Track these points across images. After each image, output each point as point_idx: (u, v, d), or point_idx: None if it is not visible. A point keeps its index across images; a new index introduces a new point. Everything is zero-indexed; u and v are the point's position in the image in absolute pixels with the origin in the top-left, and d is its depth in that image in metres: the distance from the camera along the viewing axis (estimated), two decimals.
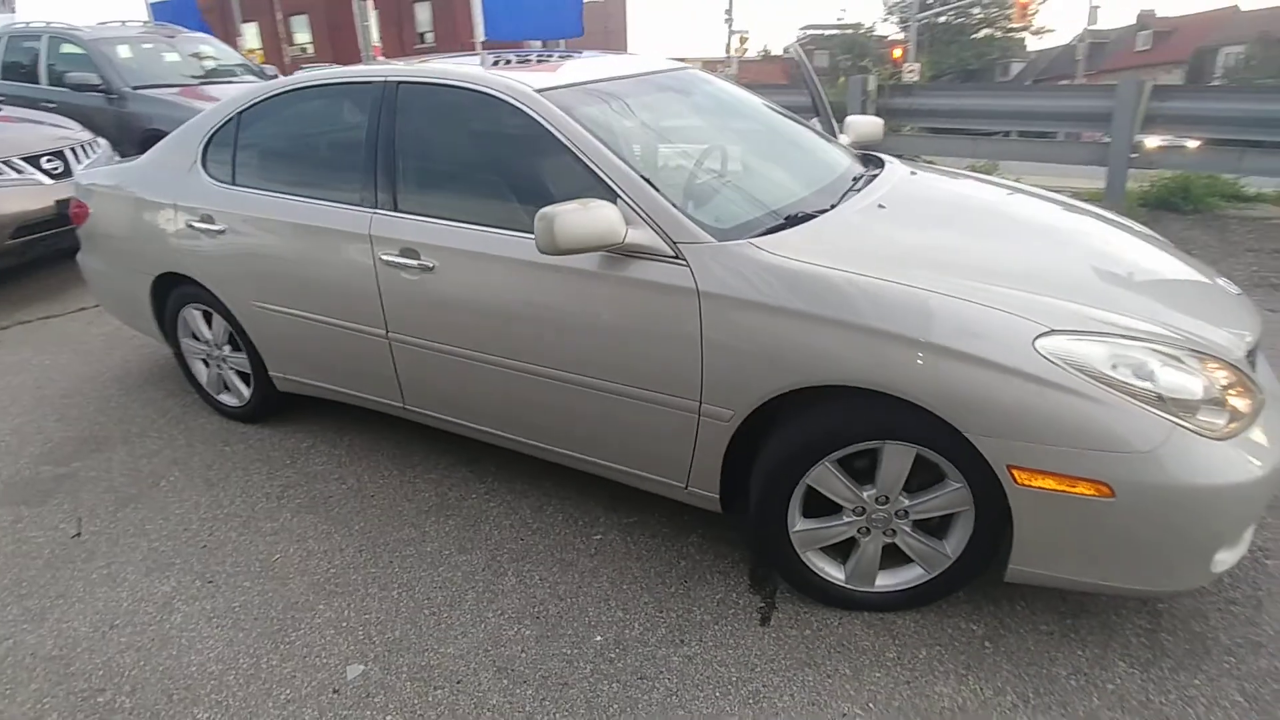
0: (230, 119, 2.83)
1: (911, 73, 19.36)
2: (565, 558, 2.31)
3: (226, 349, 3.06)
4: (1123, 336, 1.68)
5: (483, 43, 6.90)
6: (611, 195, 2.01)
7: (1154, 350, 1.66)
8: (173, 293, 3.08)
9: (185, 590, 2.23)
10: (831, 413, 1.85)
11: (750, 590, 2.14)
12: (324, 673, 1.92)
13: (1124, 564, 1.71)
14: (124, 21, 7.72)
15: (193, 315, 3.08)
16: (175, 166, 2.95)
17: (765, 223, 2.05)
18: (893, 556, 1.97)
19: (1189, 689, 1.76)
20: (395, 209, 2.40)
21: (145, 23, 8.08)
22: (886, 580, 2.00)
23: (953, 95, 5.61)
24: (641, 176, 2.03)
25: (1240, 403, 1.71)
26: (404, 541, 2.41)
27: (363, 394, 2.75)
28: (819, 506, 1.95)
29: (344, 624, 2.08)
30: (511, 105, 2.21)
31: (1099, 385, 1.60)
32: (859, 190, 2.37)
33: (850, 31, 34.62)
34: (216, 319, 3.00)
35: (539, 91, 2.22)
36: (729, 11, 18.12)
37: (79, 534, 2.51)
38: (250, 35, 27.03)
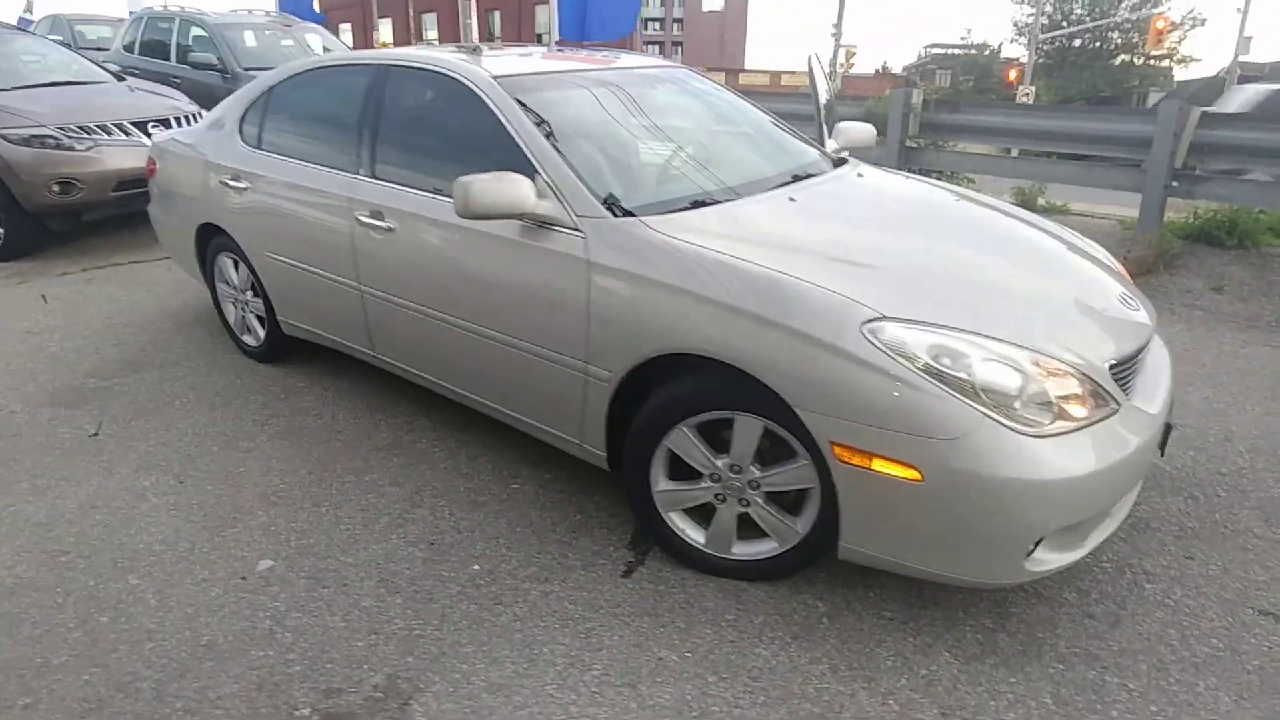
0: (265, 91, 3.24)
1: (1026, 96, 18.48)
2: (479, 500, 2.53)
3: (249, 294, 3.48)
4: (951, 329, 1.73)
5: (557, 42, 7.26)
6: (532, 170, 2.23)
7: (978, 345, 1.71)
8: (211, 241, 3.53)
9: (159, 486, 2.61)
10: (689, 381, 1.99)
11: (627, 547, 2.29)
12: (240, 563, 2.23)
13: (937, 550, 1.76)
14: (250, 10, 8.59)
15: (225, 263, 3.52)
16: (220, 130, 3.39)
17: (670, 205, 2.21)
18: (753, 528, 2.08)
19: (1001, 685, 1.78)
20: (372, 175, 2.71)
21: (267, 13, 8.96)
22: (743, 549, 2.10)
23: (996, 113, 5.42)
24: (560, 156, 2.23)
25: (1077, 409, 1.73)
26: (350, 470, 2.71)
27: (345, 341, 3.08)
28: (682, 471, 2.09)
29: (273, 528, 2.39)
30: (467, 88, 2.47)
31: (917, 372, 1.67)
32: (788, 185, 2.48)
33: (974, 52, 33.33)
34: (242, 267, 3.42)
35: (495, 78, 2.46)
36: (837, 25, 17.91)
37: (96, 434, 2.96)
38: (385, 30, 28.94)
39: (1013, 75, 21.93)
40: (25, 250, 5.20)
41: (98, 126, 5.14)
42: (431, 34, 29.98)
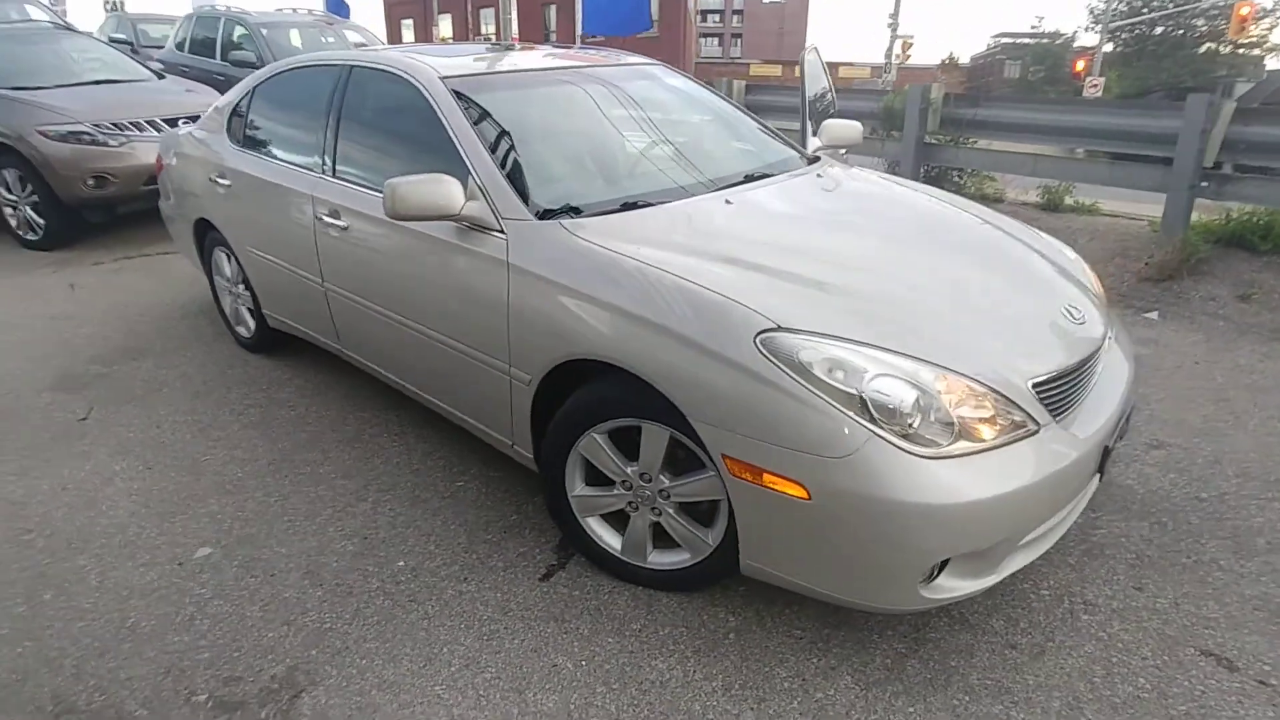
0: (249, 91, 3.34)
1: (1094, 88, 17.46)
2: (421, 496, 2.56)
3: (240, 287, 3.60)
4: (850, 342, 1.66)
5: (581, 37, 7.28)
6: (465, 172, 2.23)
7: (876, 360, 1.63)
8: (207, 235, 3.66)
9: (128, 471, 2.73)
10: (600, 387, 1.96)
11: (554, 550, 2.28)
12: (181, 549, 2.31)
13: (830, 572, 1.69)
14: (294, 9, 8.87)
15: (219, 256, 3.64)
16: (211, 130, 3.51)
17: (598, 207, 2.18)
18: (670, 537, 2.04)
19: (895, 713, 1.70)
20: (333, 174, 2.76)
21: (310, 11, 9.23)
22: (659, 559, 2.07)
23: (1017, 108, 5.11)
24: (491, 158, 2.23)
25: (986, 429, 1.63)
26: (308, 462, 2.77)
27: (317, 335, 3.15)
28: (598, 476, 2.06)
29: (219, 516, 2.46)
30: (415, 88, 2.49)
31: (807, 387, 1.60)
32: (735, 187, 2.42)
33: (1046, 41, 31.73)
34: (232, 260, 3.54)
35: (443, 78, 2.47)
36: (894, 15, 17.21)
37: (85, 418, 3.11)
38: (445, 25, 29.47)
39: (1080, 66, 20.71)
40: (64, 241, 5.51)
41: (131, 123, 5.39)
42: (491, 28, 30.44)
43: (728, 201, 2.27)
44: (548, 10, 27.85)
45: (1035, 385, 1.74)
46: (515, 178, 2.22)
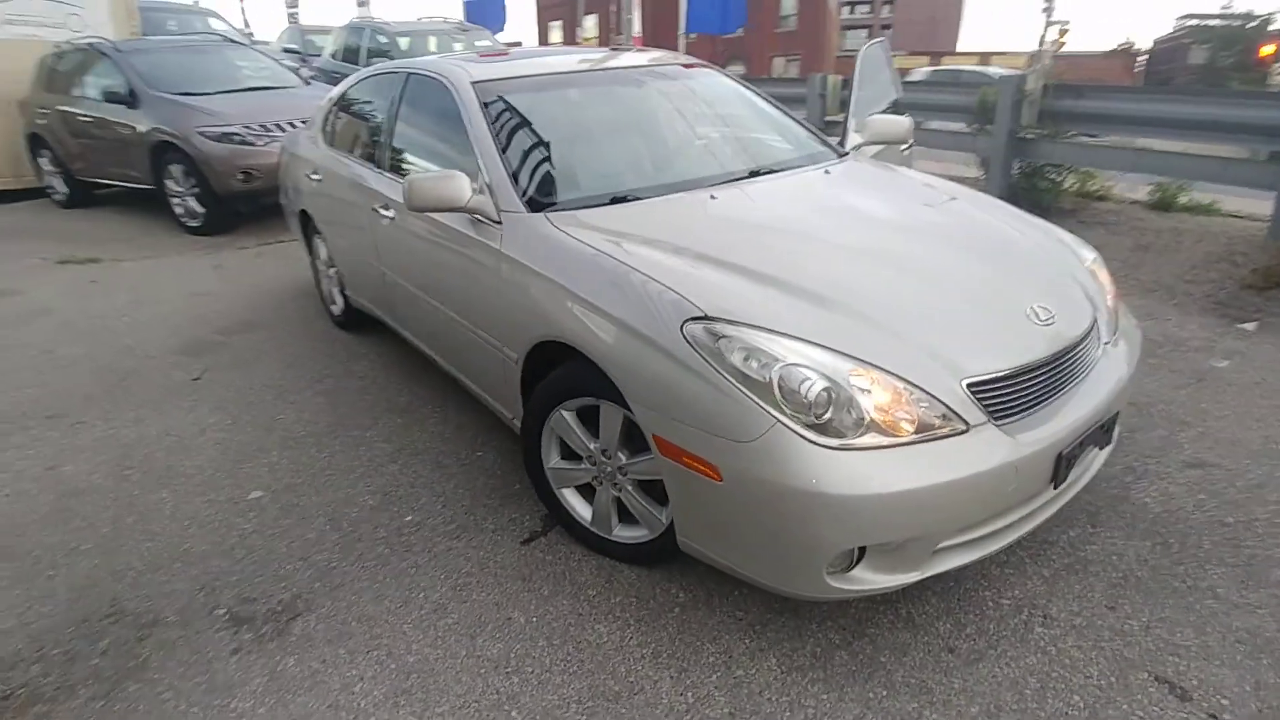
0: (340, 95, 3.76)
1: None
2: (443, 462, 2.84)
3: (331, 270, 4.06)
4: (772, 332, 1.71)
5: (685, 36, 7.40)
6: (477, 168, 2.46)
7: (793, 350, 1.67)
8: (308, 224, 4.16)
9: (218, 424, 3.20)
10: (568, 367, 2.12)
11: (542, 519, 2.46)
12: (240, 490, 2.71)
13: (744, 553, 1.76)
14: (432, 18, 9.62)
15: (317, 243, 4.13)
16: (311, 130, 3.98)
17: (587, 201, 2.33)
18: (632, 513, 2.17)
19: (809, 700, 1.74)
20: (386, 170, 3.09)
21: (445, 19, 9.95)
22: (623, 533, 2.20)
23: (1126, 99, 4.59)
24: (499, 155, 2.44)
25: (906, 425, 1.64)
26: (360, 426, 3.13)
27: (381, 314, 3.52)
28: (572, 451, 2.22)
29: (276, 466, 2.86)
30: (449, 91, 2.75)
31: (721, 373, 1.68)
32: (735, 182, 2.50)
33: (1239, 23, 27.79)
34: (324, 246, 4.01)
35: (473, 83, 2.72)
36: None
37: (198, 378, 3.66)
38: (590, 24, 30.38)
39: (1266, 50, 17.84)
40: (220, 228, 6.36)
41: (274, 125, 6.12)
42: (635, 28, 31.13)
43: (712, 196, 2.35)
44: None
45: (972, 385, 1.71)
46: (519, 173, 2.41)
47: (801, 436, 1.60)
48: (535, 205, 2.31)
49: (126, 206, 7.37)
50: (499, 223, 2.33)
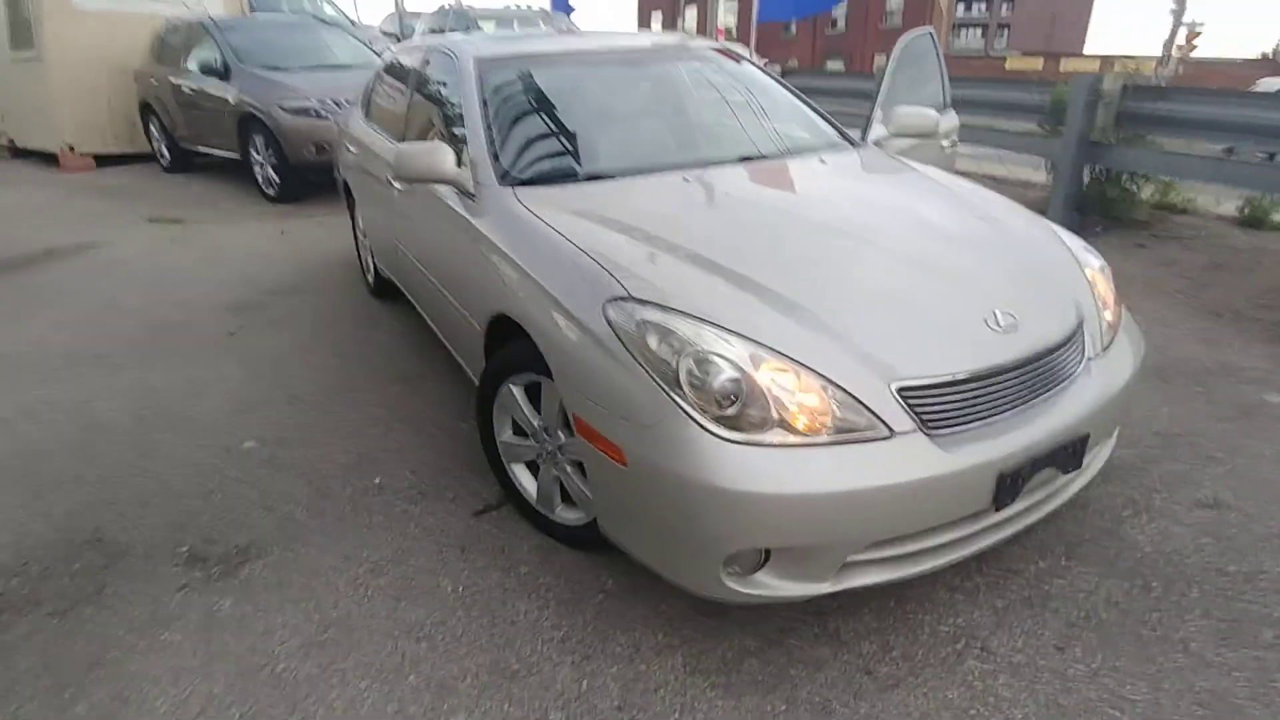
0: (377, 74, 3.88)
1: None
2: (427, 429, 2.89)
3: (365, 239, 4.21)
4: (688, 317, 1.64)
5: (757, 25, 7.24)
6: (465, 141, 2.48)
7: (704, 336, 1.60)
8: (350, 195, 4.33)
9: (236, 376, 3.38)
10: (516, 342, 2.10)
11: (500, 494, 2.46)
12: (234, 439, 2.85)
13: (649, 542, 1.71)
14: (518, 4, 9.81)
15: (356, 213, 4.29)
16: (354, 107, 4.13)
17: (560, 178, 2.31)
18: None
19: (703, 702, 1.68)
20: (402, 141, 3.16)
21: (526, 6, 10.12)
22: (564, 514, 2.17)
23: (1214, 102, 4.08)
24: (485, 130, 2.45)
25: (819, 425, 1.54)
26: (362, 389, 3.24)
27: (399, 283, 3.62)
28: (521, 426, 2.22)
29: (275, 420, 2.98)
30: (456, 65, 2.78)
31: (632, 354, 1.63)
32: (723, 165, 2.42)
33: None
34: (360, 215, 4.16)
35: (476, 58, 2.74)
36: (1178, 1, 14.26)
37: (234, 334, 3.88)
38: (690, 15, 30.24)
39: None
40: (294, 196, 6.70)
41: (346, 101, 6.38)
42: (730, 19, 30.82)
43: (685, 179, 2.28)
44: None
45: (904, 389, 1.59)
46: (502, 148, 2.42)
47: (701, 426, 1.53)
48: (509, 180, 2.31)
49: (218, 173, 7.89)
50: (474, 196, 2.34)
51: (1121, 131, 4.45)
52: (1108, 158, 4.50)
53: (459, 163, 2.39)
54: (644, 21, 33.76)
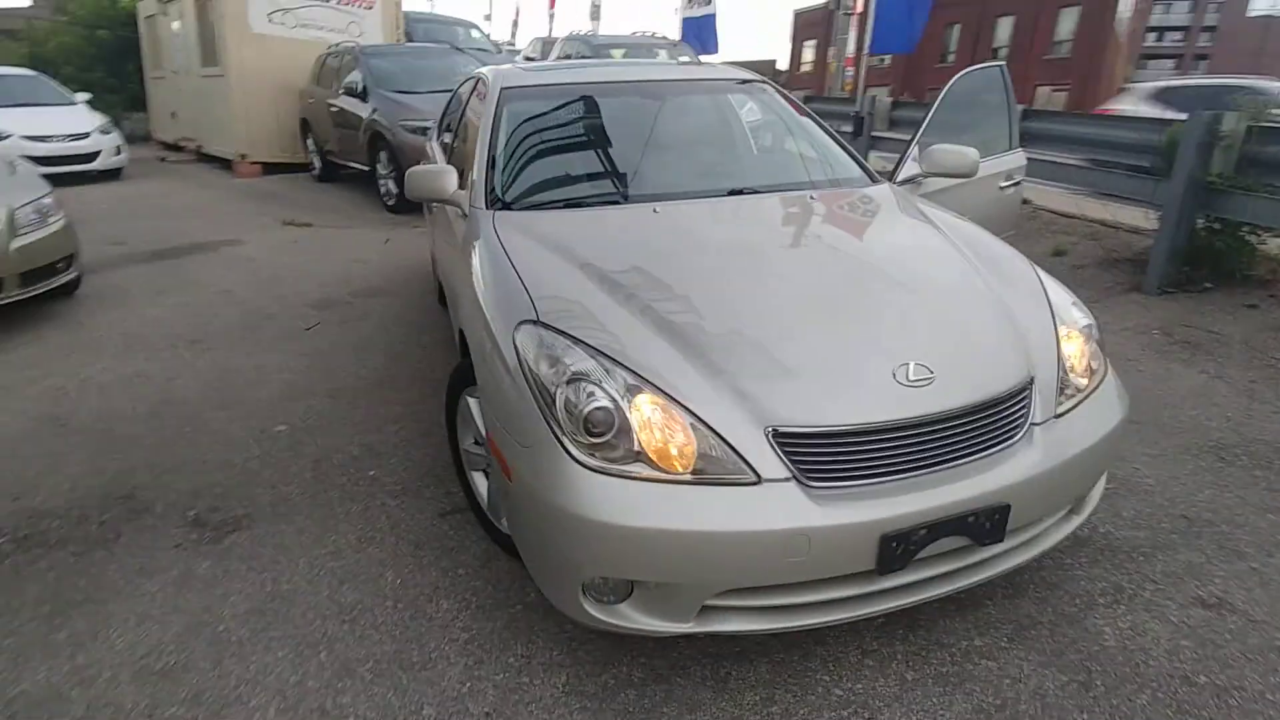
0: (452, 95, 4.20)
1: None
2: (430, 430, 3.08)
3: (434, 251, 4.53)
4: (584, 345, 1.67)
5: (869, 54, 7.08)
6: (473, 164, 2.66)
7: (593, 369, 1.63)
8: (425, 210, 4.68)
9: (298, 365, 3.75)
10: (467, 358, 2.22)
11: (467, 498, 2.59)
12: (271, 422, 3.17)
13: (528, 557, 1.76)
14: (645, 33, 10.13)
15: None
16: (434, 126, 4.48)
17: (542, 204, 2.42)
18: None
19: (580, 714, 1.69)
20: (449, 160, 3.40)
21: (654, 34, 10.40)
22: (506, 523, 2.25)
23: None
24: (487, 155, 2.61)
25: (680, 464, 1.54)
26: (393, 389, 3.49)
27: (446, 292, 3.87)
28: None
29: (313, 409, 3.29)
30: (488, 91, 2.98)
31: (525, 377, 1.69)
32: (710, 198, 2.44)
33: None
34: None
35: (503, 87, 2.92)
36: None
37: (310, 328, 4.30)
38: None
39: None
40: (409, 208, 7.29)
41: None
42: (849, 48, 30.04)
43: (654, 210, 2.31)
44: (949, 32, 26.32)
45: (780, 436, 1.54)
46: (500, 172, 2.57)
47: (567, 452, 1.57)
48: (494, 202, 2.45)
49: (355, 184, 8.72)
50: (466, 216, 2.50)
51: (1243, 178, 3.93)
52: (1224, 206, 3.96)
53: (462, 184, 2.57)
54: (797, 53, 33.65)
